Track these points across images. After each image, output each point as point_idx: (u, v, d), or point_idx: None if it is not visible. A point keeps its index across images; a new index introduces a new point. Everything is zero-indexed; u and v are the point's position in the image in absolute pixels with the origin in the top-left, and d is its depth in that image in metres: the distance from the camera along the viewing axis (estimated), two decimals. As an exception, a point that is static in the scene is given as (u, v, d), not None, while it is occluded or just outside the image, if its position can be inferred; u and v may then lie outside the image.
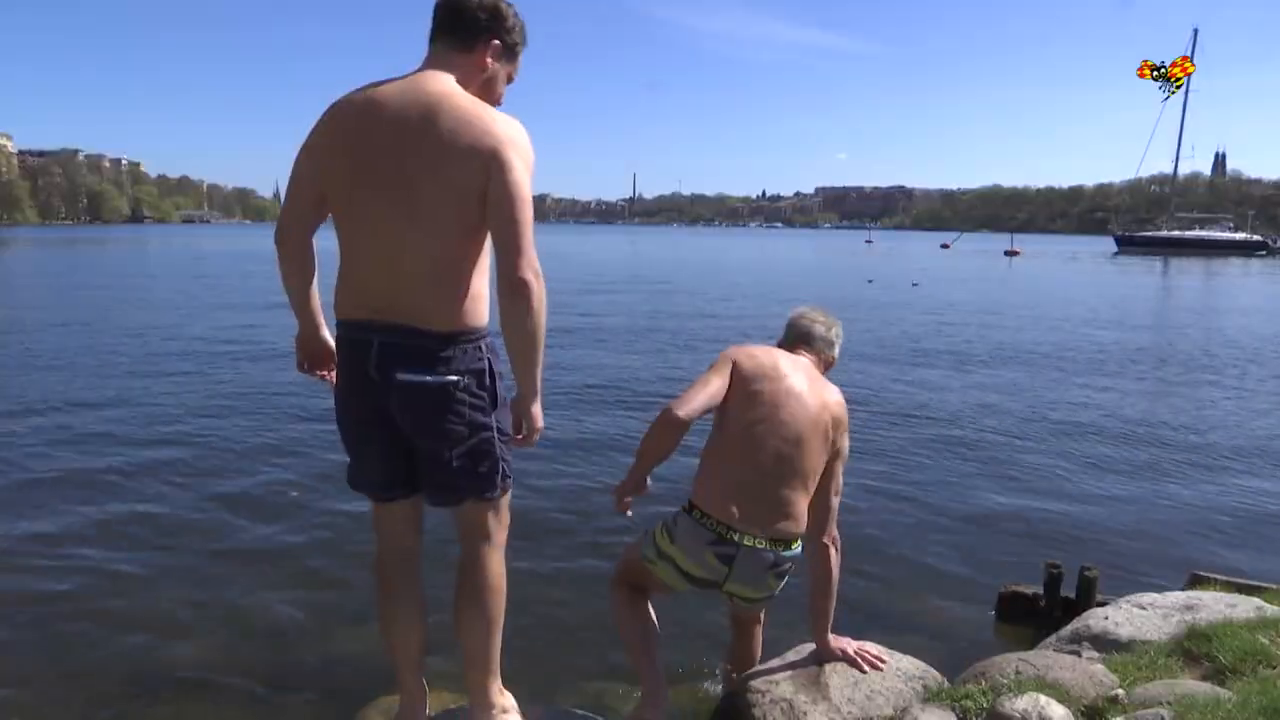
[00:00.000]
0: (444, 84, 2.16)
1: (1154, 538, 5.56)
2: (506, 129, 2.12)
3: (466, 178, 2.09)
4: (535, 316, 2.12)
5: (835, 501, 2.87)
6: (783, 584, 2.88)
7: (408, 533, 2.55)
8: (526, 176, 2.12)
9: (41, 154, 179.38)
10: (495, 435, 2.35)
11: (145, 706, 3.48)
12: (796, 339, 3.07)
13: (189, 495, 5.98)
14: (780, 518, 2.73)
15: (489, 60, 2.26)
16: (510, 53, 2.33)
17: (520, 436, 2.40)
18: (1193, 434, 8.48)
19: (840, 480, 2.90)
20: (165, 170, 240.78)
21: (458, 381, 2.23)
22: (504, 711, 2.54)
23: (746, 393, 2.77)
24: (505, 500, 2.48)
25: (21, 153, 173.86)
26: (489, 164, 2.07)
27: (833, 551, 2.86)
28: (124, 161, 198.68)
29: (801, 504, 2.77)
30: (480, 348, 2.28)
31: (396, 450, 2.37)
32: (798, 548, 2.83)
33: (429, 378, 2.20)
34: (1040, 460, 7.36)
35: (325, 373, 2.55)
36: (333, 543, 5.16)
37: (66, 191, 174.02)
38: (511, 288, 2.09)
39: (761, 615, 3.24)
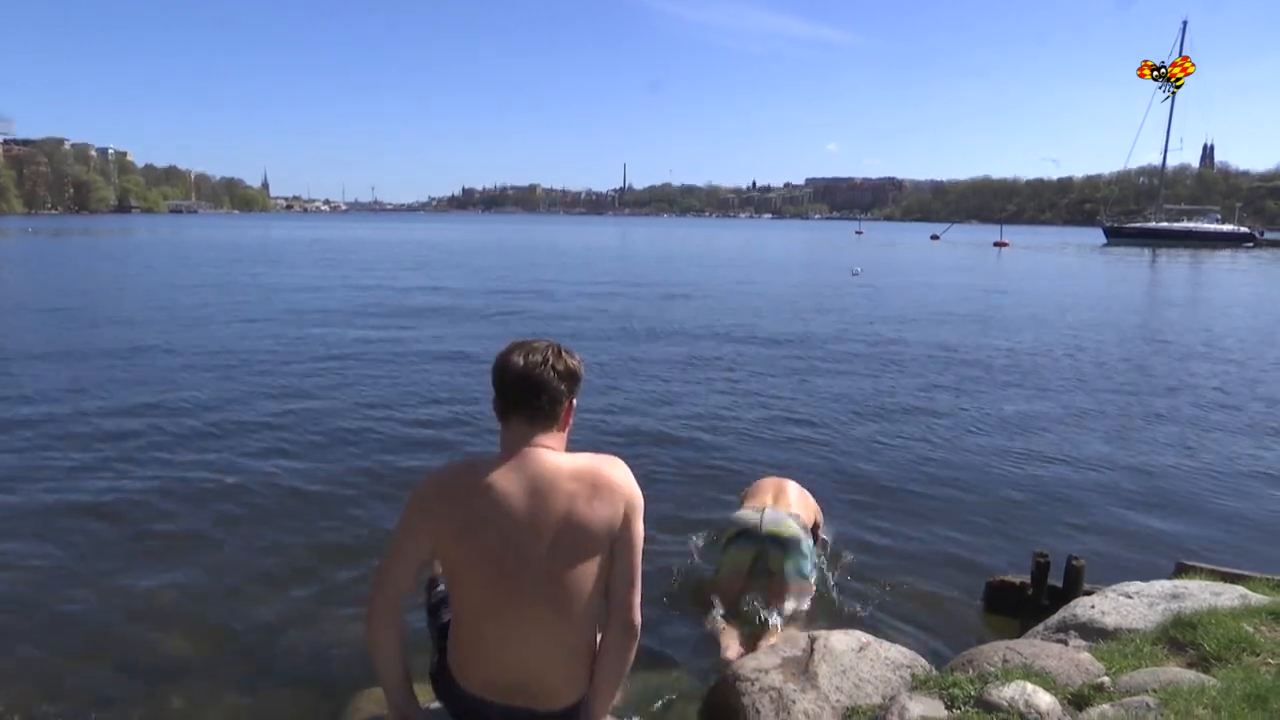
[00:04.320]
0: (551, 461, 2.23)
1: (1141, 528, 5.60)
2: (635, 494, 2.24)
3: (595, 541, 2.20)
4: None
5: None
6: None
7: None
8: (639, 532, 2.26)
9: (27, 143, 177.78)
10: None
11: (138, 694, 3.49)
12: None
13: (186, 488, 5.97)
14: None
15: (570, 418, 2.34)
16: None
17: None
18: (1178, 426, 8.54)
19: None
20: (152, 160, 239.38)
21: None
22: None
23: None
24: None
25: (6, 142, 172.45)
26: (618, 526, 2.20)
27: None
28: (110, 151, 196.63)
29: None
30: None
31: None
32: None
33: None
34: (1026, 452, 7.40)
35: None
36: (325, 536, 5.17)
37: (52, 181, 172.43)
38: (627, 629, 2.25)
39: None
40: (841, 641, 3.08)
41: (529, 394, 2.20)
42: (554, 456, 2.21)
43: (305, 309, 17.25)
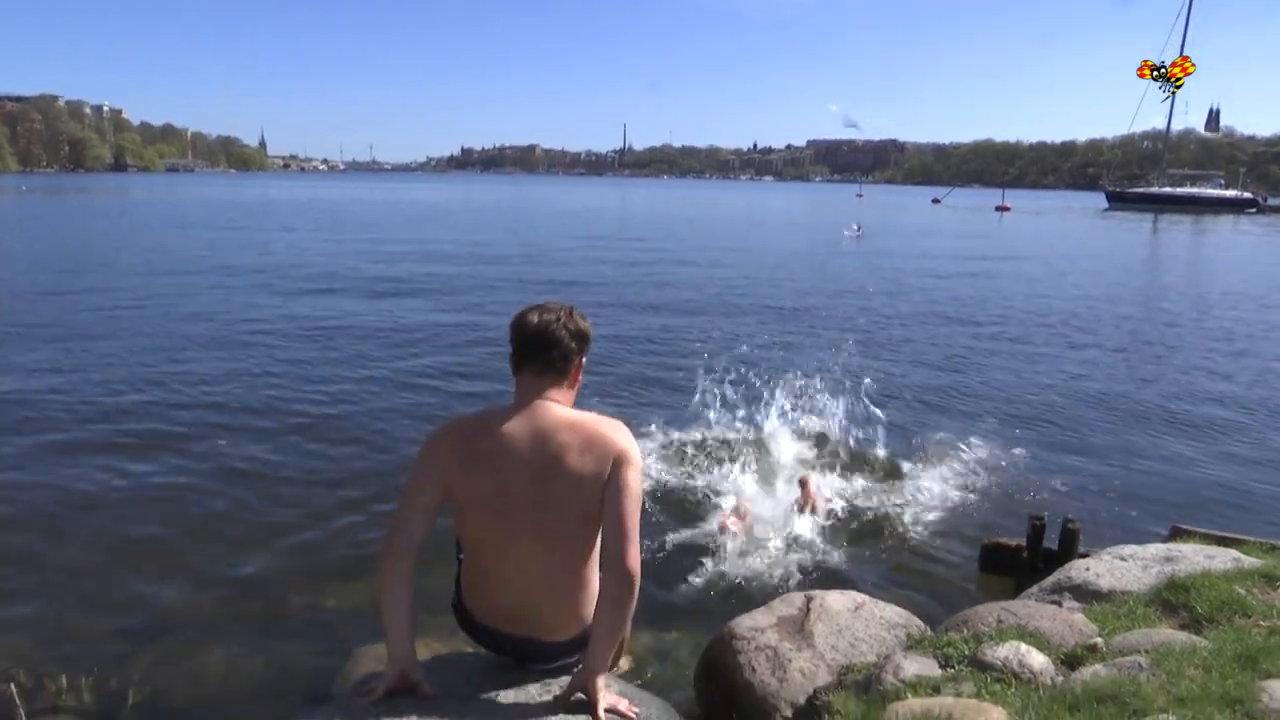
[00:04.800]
0: (554, 413, 2.32)
1: (1136, 491, 5.63)
2: (627, 450, 2.29)
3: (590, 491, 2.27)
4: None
5: None
6: None
7: None
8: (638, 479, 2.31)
9: (21, 100, 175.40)
10: None
11: (143, 651, 3.53)
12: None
13: (188, 449, 6.00)
14: None
15: (579, 375, 2.44)
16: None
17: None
18: (1174, 392, 8.57)
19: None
20: (148, 118, 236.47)
21: None
22: None
23: None
24: None
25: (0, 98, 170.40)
26: (606, 478, 2.26)
27: None
28: (105, 108, 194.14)
29: None
30: None
31: None
32: None
33: None
34: (1024, 416, 7.42)
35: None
36: (330, 495, 5.20)
37: (47, 139, 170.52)
38: (623, 578, 2.22)
39: None
40: (838, 601, 3.11)
41: (541, 349, 2.34)
42: (558, 409, 2.32)
43: (304, 274, 17.21)
